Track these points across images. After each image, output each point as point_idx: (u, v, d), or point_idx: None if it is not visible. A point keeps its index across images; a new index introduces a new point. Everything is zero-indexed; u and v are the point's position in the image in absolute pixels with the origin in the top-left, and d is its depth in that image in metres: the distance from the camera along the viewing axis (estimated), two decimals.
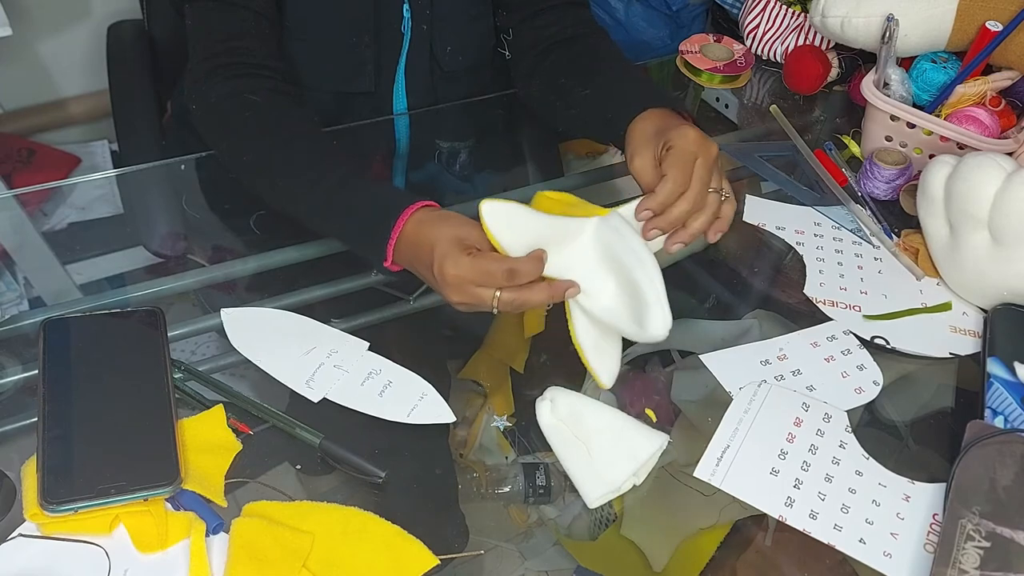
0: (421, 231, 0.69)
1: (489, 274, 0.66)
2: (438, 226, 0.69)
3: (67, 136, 1.63)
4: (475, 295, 0.66)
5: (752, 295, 0.86)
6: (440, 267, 0.66)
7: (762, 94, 1.12)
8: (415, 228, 0.70)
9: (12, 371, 0.70)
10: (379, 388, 0.70)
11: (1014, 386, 0.71)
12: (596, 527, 0.67)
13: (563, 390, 0.69)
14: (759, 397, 0.71)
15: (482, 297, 0.66)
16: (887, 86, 0.94)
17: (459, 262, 0.66)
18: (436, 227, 0.69)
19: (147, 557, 0.58)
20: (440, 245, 0.67)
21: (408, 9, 0.91)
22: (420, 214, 0.70)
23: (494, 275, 0.66)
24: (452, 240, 0.67)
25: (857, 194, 0.93)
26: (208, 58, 0.83)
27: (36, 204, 0.97)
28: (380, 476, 0.63)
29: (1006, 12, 0.89)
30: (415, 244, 0.69)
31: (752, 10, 1.15)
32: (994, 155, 0.77)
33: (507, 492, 0.69)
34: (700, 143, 0.72)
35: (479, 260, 0.66)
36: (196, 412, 0.67)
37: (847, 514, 0.64)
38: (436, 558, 0.59)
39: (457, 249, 0.66)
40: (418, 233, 0.69)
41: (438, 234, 0.68)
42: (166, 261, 0.86)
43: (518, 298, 0.67)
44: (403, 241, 0.70)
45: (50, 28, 1.52)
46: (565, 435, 0.67)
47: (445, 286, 0.67)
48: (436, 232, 0.68)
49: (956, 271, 0.81)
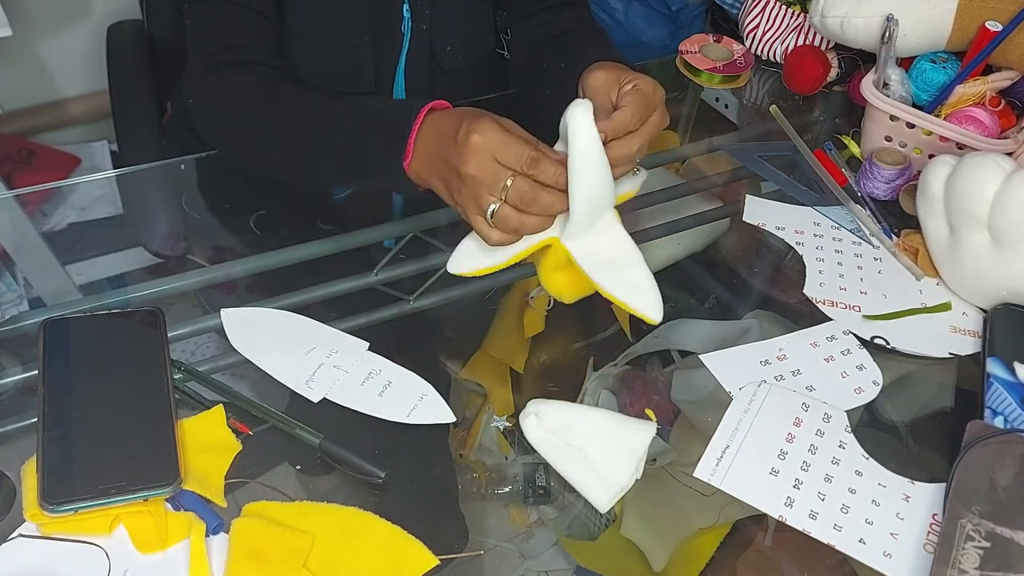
0: (447, 114, 0.68)
1: (515, 153, 0.63)
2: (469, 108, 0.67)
3: (67, 136, 1.63)
4: (492, 170, 0.63)
5: (752, 295, 0.86)
6: (468, 131, 0.64)
7: (762, 94, 1.12)
8: (438, 115, 0.68)
9: (12, 371, 0.70)
10: (379, 388, 0.70)
11: (1014, 386, 0.71)
12: (596, 527, 0.67)
13: (546, 402, 0.68)
14: (759, 397, 0.71)
15: (497, 175, 0.63)
16: (887, 86, 0.94)
17: (490, 129, 0.63)
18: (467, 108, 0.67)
19: (147, 557, 0.58)
20: (472, 114, 0.65)
21: (408, 9, 0.91)
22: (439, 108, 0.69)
23: (518, 155, 0.63)
24: (485, 113, 0.65)
25: (857, 194, 0.93)
26: (207, 57, 0.83)
27: (36, 204, 0.97)
28: (380, 476, 0.63)
29: (1006, 12, 0.89)
30: (438, 130, 0.67)
31: (752, 10, 1.15)
32: (994, 155, 0.77)
33: (507, 492, 0.69)
34: (662, 100, 0.71)
35: (510, 135, 0.64)
36: (196, 412, 0.67)
37: (847, 514, 0.64)
38: (436, 558, 0.60)
39: (491, 119, 0.64)
40: (443, 116, 0.67)
41: (470, 109, 0.66)
42: (166, 261, 0.86)
43: (530, 192, 0.63)
44: (424, 131, 0.68)
45: (50, 28, 1.52)
46: (558, 446, 0.66)
47: (466, 151, 0.64)
48: (468, 109, 0.67)
49: (956, 271, 0.81)
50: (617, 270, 0.69)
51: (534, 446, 0.67)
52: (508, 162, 0.63)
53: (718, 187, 0.98)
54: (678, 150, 1.04)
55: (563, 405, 0.68)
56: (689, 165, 1.02)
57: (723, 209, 0.94)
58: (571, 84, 0.80)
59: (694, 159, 1.02)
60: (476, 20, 0.97)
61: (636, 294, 0.68)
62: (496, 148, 0.63)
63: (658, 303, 0.68)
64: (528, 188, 0.64)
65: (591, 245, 0.69)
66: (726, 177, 0.99)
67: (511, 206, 0.64)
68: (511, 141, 0.63)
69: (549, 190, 0.65)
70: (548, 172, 0.64)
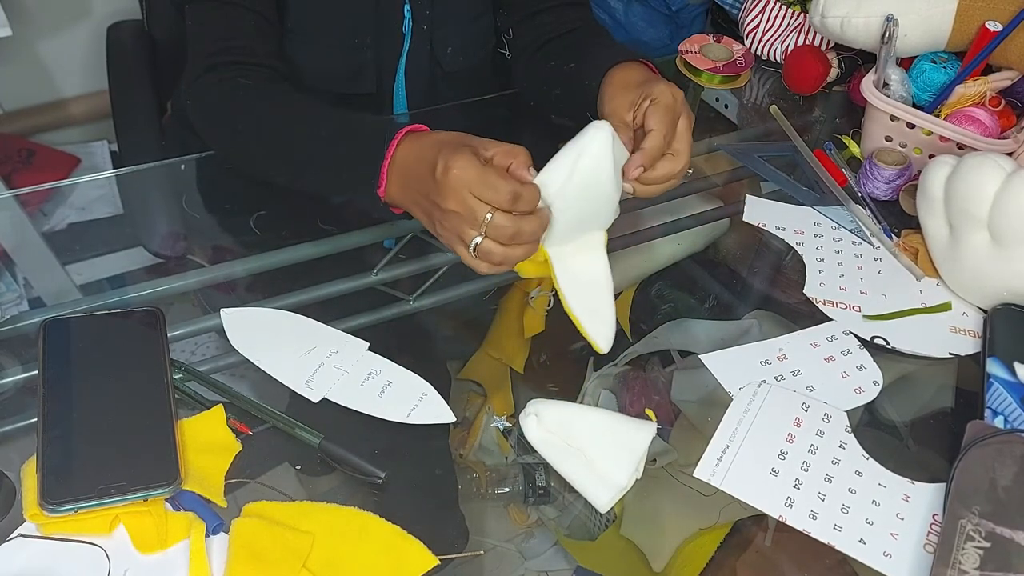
0: (423, 142, 0.66)
1: (494, 188, 0.62)
2: (445, 134, 0.66)
3: (67, 136, 1.63)
4: (471, 206, 0.63)
5: (752, 295, 0.86)
6: (446, 164, 0.63)
7: (762, 94, 1.12)
8: (414, 142, 0.67)
9: (12, 371, 0.70)
10: (379, 388, 0.70)
11: (1014, 386, 0.71)
12: (596, 527, 0.67)
13: (546, 402, 0.68)
14: (759, 397, 0.71)
15: (475, 212, 0.63)
16: (887, 86, 0.94)
17: (468, 165, 0.62)
18: (443, 135, 0.66)
19: (147, 557, 0.58)
20: (449, 146, 0.64)
21: (409, 10, 0.91)
22: (416, 134, 0.68)
23: (498, 191, 0.62)
24: (463, 142, 0.64)
25: (857, 194, 0.93)
26: (206, 57, 0.83)
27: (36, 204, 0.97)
28: (380, 476, 0.63)
29: (1006, 12, 0.89)
30: (415, 159, 0.66)
31: (752, 10, 1.15)
32: (994, 155, 0.77)
33: (507, 492, 0.69)
34: (683, 102, 0.71)
35: (489, 170, 0.63)
36: (196, 412, 0.67)
37: (847, 514, 0.64)
38: (436, 558, 0.59)
39: (469, 151, 0.63)
40: (420, 145, 0.67)
41: (447, 137, 0.65)
42: (166, 261, 0.86)
43: (511, 228, 0.63)
44: (399, 159, 0.68)
45: (50, 28, 1.52)
46: (558, 446, 0.67)
47: (444, 187, 0.63)
48: (444, 137, 0.66)
49: (956, 271, 0.81)
50: (585, 291, 0.70)
51: (534, 446, 0.67)
52: (486, 198, 0.63)
53: (718, 187, 0.98)
54: None
55: (563, 405, 0.68)
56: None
57: (723, 209, 0.94)
58: (580, 82, 0.80)
59: (694, 159, 1.02)
60: (477, 21, 0.97)
61: (593, 320, 0.70)
62: (474, 184, 0.63)
63: (610, 335, 0.70)
64: (508, 224, 0.63)
65: (570, 259, 0.71)
66: (726, 177, 0.99)
67: (493, 240, 0.64)
68: (489, 176, 0.62)
69: (529, 219, 0.64)
70: (528, 204, 0.63)
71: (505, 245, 0.64)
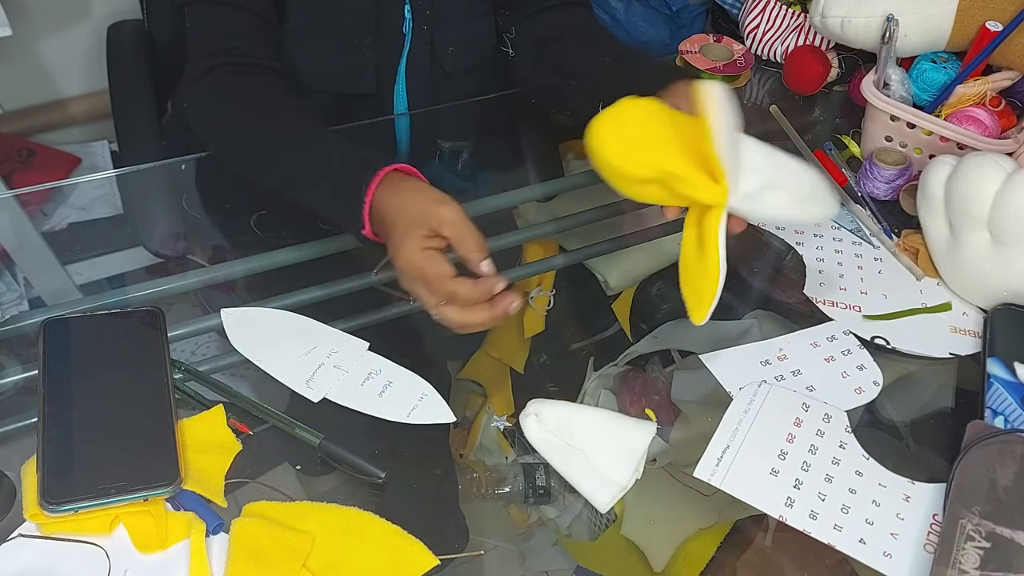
0: (389, 203, 0.67)
1: (433, 282, 0.63)
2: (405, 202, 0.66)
3: (67, 136, 1.63)
4: (420, 295, 0.65)
5: (752, 295, 0.86)
6: (395, 249, 0.65)
7: (762, 94, 1.12)
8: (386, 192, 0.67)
9: (12, 371, 0.70)
10: (379, 388, 0.70)
11: (1014, 386, 0.71)
12: (596, 527, 0.67)
13: (546, 402, 0.68)
14: (759, 397, 0.71)
15: (426, 300, 0.65)
16: (887, 86, 0.94)
17: (412, 254, 0.64)
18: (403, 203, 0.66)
19: (147, 557, 0.58)
20: (399, 225, 0.65)
21: (409, 10, 0.91)
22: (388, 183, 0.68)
23: (438, 287, 0.63)
24: (414, 222, 0.64)
25: (857, 194, 0.93)
26: (206, 58, 0.83)
27: (36, 204, 0.97)
28: (380, 476, 0.63)
29: (1006, 12, 0.89)
30: (381, 218, 0.67)
31: (752, 10, 1.15)
32: (994, 155, 0.77)
33: (507, 492, 0.69)
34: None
35: (430, 262, 0.63)
36: (196, 412, 0.67)
37: (847, 514, 0.64)
38: (436, 558, 0.59)
39: (416, 235, 0.64)
40: (386, 204, 0.67)
41: (402, 212, 0.66)
42: (166, 261, 0.86)
43: (458, 319, 0.64)
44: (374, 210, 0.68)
45: (50, 28, 1.52)
46: (558, 446, 0.67)
47: (397, 266, 0.65)
48: (401, 209, 0.66)
49: (956, 271, 0.81)
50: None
51: (534, 446, 0.67)
52: (432, 290, 0.64)
53: None
54: None
55: (563, 405, 0.68)
56: None
57: None
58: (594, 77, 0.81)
59: None
60: (477, 20, 0.97)
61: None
62: (419, 276, 0.64)
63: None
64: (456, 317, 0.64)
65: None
66: None
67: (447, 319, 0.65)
68: (431, 269, 0.63)
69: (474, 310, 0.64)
70: (466, 299, 0.63)
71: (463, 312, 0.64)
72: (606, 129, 0.65)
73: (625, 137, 0.64)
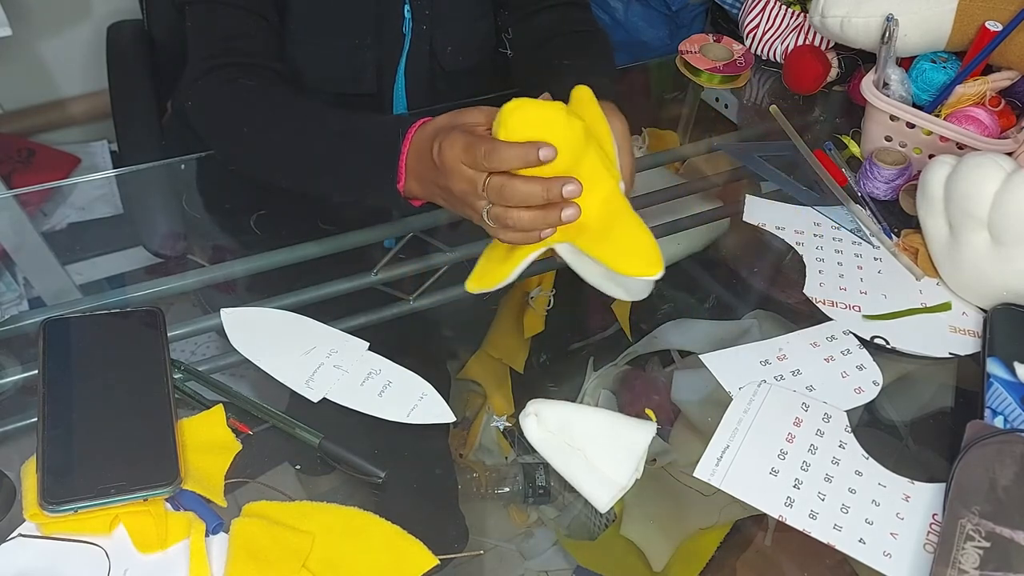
0: (425, 133, 0.68)
1: (476, 153, 0.62)
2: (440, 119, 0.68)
3: (67, 136, 1.63)
4: (470, 179, 0.64)
5: (752, 295, 0.86)
6: (440, 152, 0.65)
7: (762, 94, 1.12)
8: (418, 135, 0.69)
9: (12, 371, 0.70)
10: (379, 388, 0.70)
11: (1014, 386, 0.71)
12: (596, 527, 0.68)
13: (546, 402, 0.68)
14: (759, 397, 0.71)
15: (474, 181, 0.64)
16: (887, 86, 0.94)
17: (454, 142, 0.64)
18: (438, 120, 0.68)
19: (147, 557, 0.58)
20: (443, 129, 0.66)
21: (409, 10, 0.91)
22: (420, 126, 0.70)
23: (479, 154, 0.62)
24: (450, 121, 0.66)
25: (857, 194, 0.93)
26: (207, 58, 0.83)
27: (36, 204, 0.97)
28: (380, 476, 0.63)
29: (1006, 12, 0.89)
30: (422, 151, 0.68)
31: (752, 10, 1.15)
32: (994, 155, 0.77)
33: (507, 492, 0.69)
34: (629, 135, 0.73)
35: (472, 138, 0.63)
36: (196, 412, 0.67)
37: (847, 514, 0.64)
38: (436, 558, 0.59)
39: (457, 131, 0.65)
40: (421, 137, 0.68)
41: (440, 122, 0.67)
42: (166, 261, 0.86)
43: (506, 184, 0.62)
44: (411, 154, 0.69)
45: (50, 28, 1.52)
46: (558, 446, 0.66)
47: (444, 169, 0.65)
48: (439, 122, 0.67)
49: (956, 271, 0.81)
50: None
51: (534, 446, 0.67)
52: (476, 165, 0.63)
53: (718, 187, 0.98)
54: (678, 150, 1.04)
55: (563, 405, 0.68)
56: (689, 165, 1.02)
57: (723, 209, 0.94)
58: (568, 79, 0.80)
59: (694, 159, 1.02)
60: (477, 20, 0.97)
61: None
62: (463, 157, 0.63)
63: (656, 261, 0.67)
64: (499, 182, 0.63)
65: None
66: (726, 177, 0.99)
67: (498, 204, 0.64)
68: (472, 144, 0.63)
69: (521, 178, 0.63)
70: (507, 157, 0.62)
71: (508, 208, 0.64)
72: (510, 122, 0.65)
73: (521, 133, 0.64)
